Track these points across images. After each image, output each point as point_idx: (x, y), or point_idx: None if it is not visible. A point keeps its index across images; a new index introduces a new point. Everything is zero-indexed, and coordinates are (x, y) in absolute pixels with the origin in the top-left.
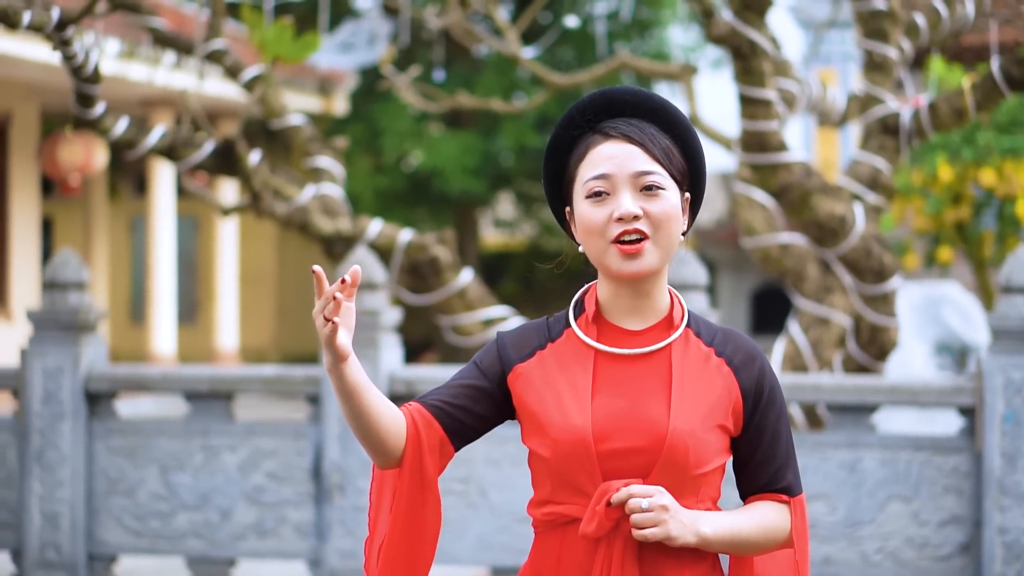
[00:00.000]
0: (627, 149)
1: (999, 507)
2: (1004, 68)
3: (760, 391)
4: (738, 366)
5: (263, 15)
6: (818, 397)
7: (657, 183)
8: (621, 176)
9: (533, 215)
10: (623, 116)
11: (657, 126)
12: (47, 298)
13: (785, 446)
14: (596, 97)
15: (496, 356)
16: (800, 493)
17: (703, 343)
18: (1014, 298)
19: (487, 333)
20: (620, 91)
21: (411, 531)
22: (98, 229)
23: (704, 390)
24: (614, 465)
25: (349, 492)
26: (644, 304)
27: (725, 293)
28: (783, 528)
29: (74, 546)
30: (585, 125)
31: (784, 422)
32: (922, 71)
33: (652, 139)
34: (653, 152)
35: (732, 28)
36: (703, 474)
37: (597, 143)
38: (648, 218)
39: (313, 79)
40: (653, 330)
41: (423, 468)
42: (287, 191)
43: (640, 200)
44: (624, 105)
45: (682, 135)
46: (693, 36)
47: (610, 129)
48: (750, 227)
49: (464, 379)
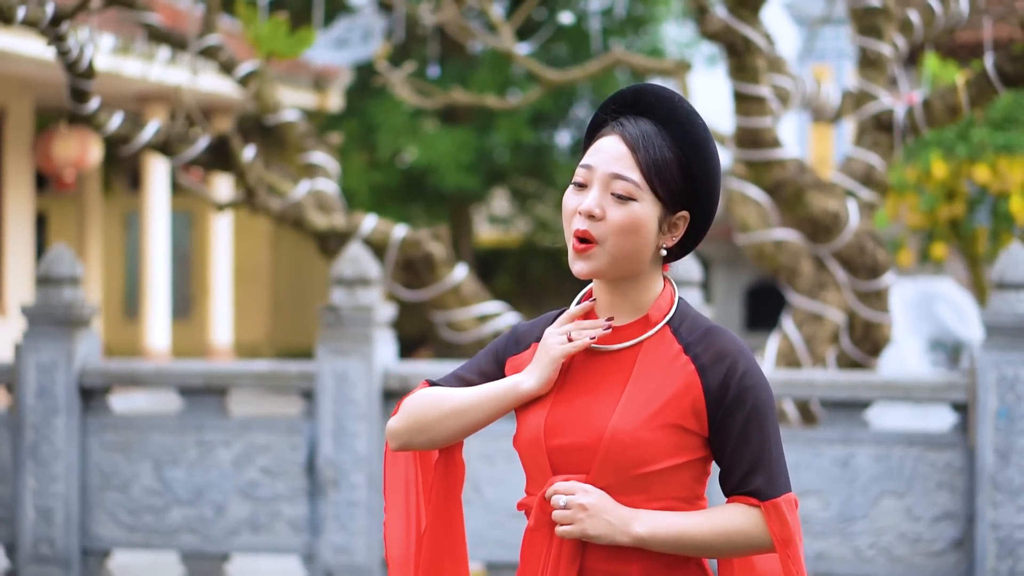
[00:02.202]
0: (618, 148)
1: (992, 503)
2: (998, 65)
3: (725, 391)
4: (704, 365)
5: (258, 11)
6: (812, 393)
7: (627, 192)
8: (599, 172)
9: (527, 211)
10: (642, 115)
11: (670, 136)
12: (41, 293)
13: (756, 448)
14: (627, 90)
15: (504, 345)
16: (776, 497)
17: (677, 341)
18: (1007, 294)
19: (481, 329)
20: (647, 90)
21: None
22: (92, 224)
23: (658, 389)
24: (562, 460)
25: (343, 487)
26: (620, 302)
27: (719, 289)
28: (749, 532)
29: (68, 541)
30: (611, 113)
31: (757, 424)
32: (916, 68)
33: (649, 147)
34: (641, 160)
35: (726, 24)
36: (650, 472)
37: (605, 133)
38: (605, 223)
39: (308, 75)
40: (631, 327)
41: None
42: (282, 187)
43: (607, 202)
44: (646, 106)
45: (691, 153)
46: (688, 32)
47: (618, 124)
48: (744, 223)
49: (480, 366)
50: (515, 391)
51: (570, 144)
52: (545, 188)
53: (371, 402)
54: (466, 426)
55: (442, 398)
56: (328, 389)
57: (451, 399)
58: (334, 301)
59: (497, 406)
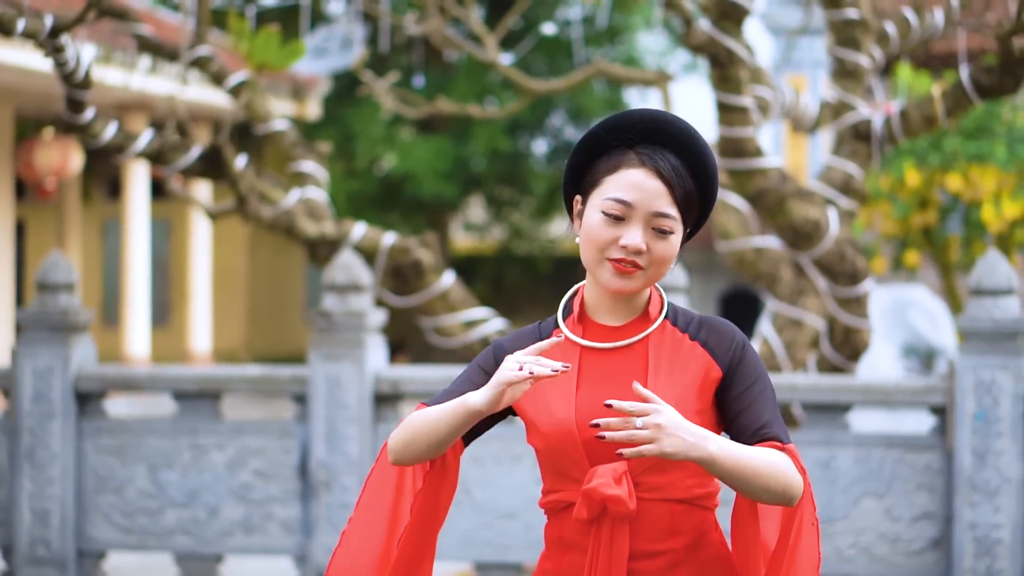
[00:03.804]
0: (655, 186)
1: (969, 503)
2: (973, 77)
3: (737, 364)
4: (713, 346)
5: (247, 23)
6: (793, 396)
7: (670, 227)
8: (641, 210)
9: (503, 219)
10: (663, 146)
11: (688, 166)
12: (38, 300)
13: (768, 407)
14: (647, 118)
15: (494, 361)
16: (789, 444)
17: (679, 330)
18: (984, 300)
19: (469, 334)
20: (670, 121)
21: (431, 516)
22: (71, 232)
23: (678, 373)
24: (598, 451)
25: (335, 489)
26: (625, 304)
27: (695, 296)
28: (785, 467)
29: (64, 543)
30: (627, 139)
31: (763, 387)
32: (890, 77)
33: (680, 181)
34: (676, 195)
35: (710, 37)
36: None
37: (631, 164)
38: (649, 254)
39: (287, 84)
40: (632, 324)
41: (446, 460)
42: (273, 195)
43: (649, 236)
44: (667, 137)
45: (707, 181)
46: (663, 41)
47: (647, 157)
48: (726, 231)
49: (467, 383)
50: (465, 407)
51: (546, 152)
52: (521, 196)
53: (363, 406)
54: (436, 441)
55: (422, 415)
56: (320, 393)
57: (426, 416)
58: (326, 307)
59: (454, 422)
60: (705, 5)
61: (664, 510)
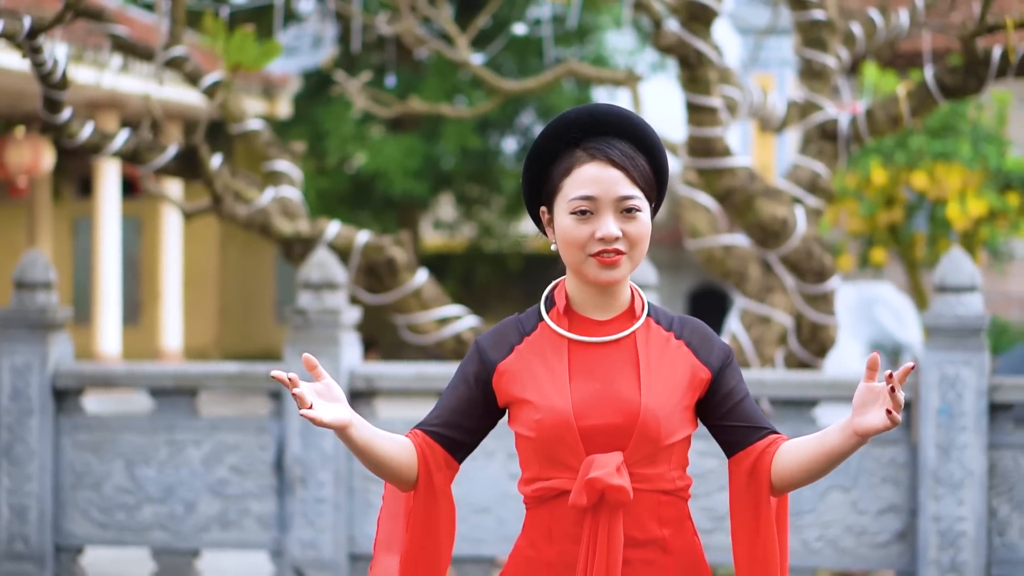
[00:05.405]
0: (611, 173)
1: (933, 496)
2: (938, 77)
3: (720, 362)
4: (697, 347)
5: (223, 23)
6: (762, 392)
7: (636, 206)
8: (606, 199)
9: (473, 217)
10: (605, 135)
11: (634, 146)
12: (16, 297)
13: (752, 403)
14: (583, 115)
15: (478, 361)
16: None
17: (663, 328)
18: (948, 297)
19: (441, 331)
20: (605, 111)
21: (427, 541)
22: (41, 230)
23: (669, 370)
24: (594, 440)
25: (310, 485)
26: (609, 299)
27: (664, 293)
28: None
29: (41, 538)
30: (571, 140)
31: (743, 383)
32: (857, 77)
33: (632, 162)
34: (633, 176)
35: (679, 39)
36: (673, 444)
37: (582, 162)
38: (626, 238)
39: (258, 82)
40: (618, 320)
41: (434, 484)
42: (247, 194)
43: (620, 221)
44: (608, 126)
45: (655, 155)
46: (630, 40)
47: (595, 150)
48: (695, 229)
49: (453, 395)
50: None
51: (516, 151)
52: (491, 194)
53: None
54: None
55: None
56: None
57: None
58: (302, 304)
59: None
60: (674, 6)
61: (653, 500)
